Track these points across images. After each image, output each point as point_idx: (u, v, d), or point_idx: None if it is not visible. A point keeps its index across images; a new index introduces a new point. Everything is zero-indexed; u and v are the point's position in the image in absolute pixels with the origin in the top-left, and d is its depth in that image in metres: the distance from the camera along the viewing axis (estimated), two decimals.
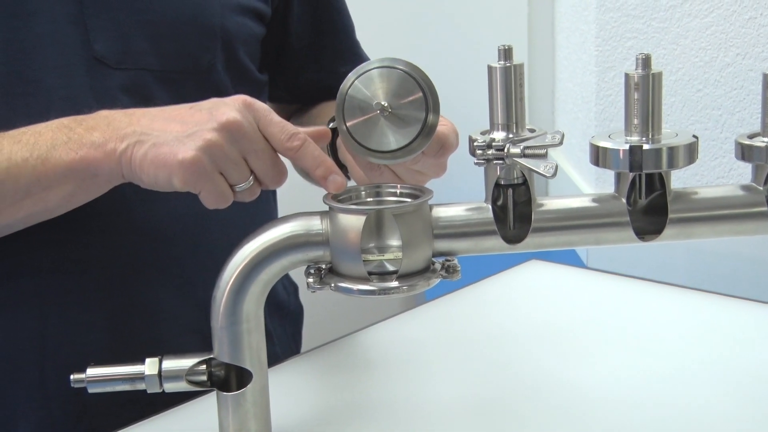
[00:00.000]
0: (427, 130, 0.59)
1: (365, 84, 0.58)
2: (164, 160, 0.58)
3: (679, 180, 0.57)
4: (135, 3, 0.72)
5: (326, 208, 0.58)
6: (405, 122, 0.58)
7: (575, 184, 1.39)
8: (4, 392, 0.73)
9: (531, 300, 0.90)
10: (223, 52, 0.77)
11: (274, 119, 0.60)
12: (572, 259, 1.18)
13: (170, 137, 0.59)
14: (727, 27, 1.12)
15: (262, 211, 0.84)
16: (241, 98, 0.61)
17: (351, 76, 0.58)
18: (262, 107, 0.61)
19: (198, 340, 0.76)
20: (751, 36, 1.10)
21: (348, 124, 0.58)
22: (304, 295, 0.96)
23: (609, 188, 0.60)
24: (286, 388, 0.72)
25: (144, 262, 0.74)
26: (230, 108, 0.59)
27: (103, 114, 0.63)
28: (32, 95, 0.69)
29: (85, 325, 0.73)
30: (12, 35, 0.68)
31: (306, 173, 0.62)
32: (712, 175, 1.14)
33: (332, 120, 0.72)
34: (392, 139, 0.58)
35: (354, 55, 0.91)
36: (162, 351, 0.61)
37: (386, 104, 0.57)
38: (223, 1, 0.77)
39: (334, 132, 0.72)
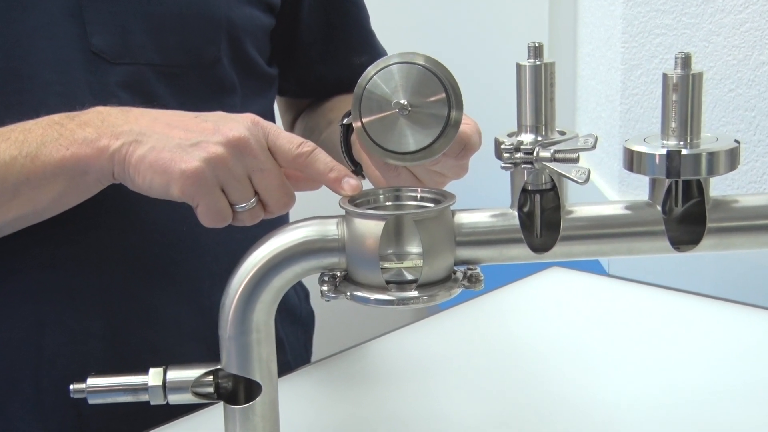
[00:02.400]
0: (450, 130, 0.56)
1: (384, 80, 0.55)
2: (164, 167, 0.56)
3: None
4: None
5: (342, 212, 0.56)
6: (426, 122, 0.55)
7: (597, 187, 1.35)
8: (1, 407, 0.71)
9: (551, 309, 0.87)
10: (228, 45, 0.75)
11: (282, 133, 0.59)
12: (593, 267, 1.15)
13: (172, 143, 0.57)
14: (762, 24, 1.08)
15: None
16: (250, 116, 0.59)
17: (370, 70, 0.55)
18: (271, 125, 0.59)
19: (202, 348, 0.73)
20: None
21: (364, 120, 0.55)
22: (315, 302, 0.93)
23: (633, 193, 0.57)
24: (296, 399, 0.70)
25: (146, 266, 0.72)
26: (238, 124, 0.57)
27: (98, 110, 0.61)
28: (27, 91, 0.66)
29: (83, 334, 0.70)
30: (6, 29, 0.66)
31: (319, 180, 0.59)
32: (744, 180, 1.11)
33: (347, 115, 0.69)
34: (412, 139, 0.56)
35: (368, 46, 0.88)
36: (164, 359, 0.58)
37: (406, 102, 0.55)
38: None
39: (349, 128, 0.69)
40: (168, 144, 0.57)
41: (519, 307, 0.89)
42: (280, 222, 0.83)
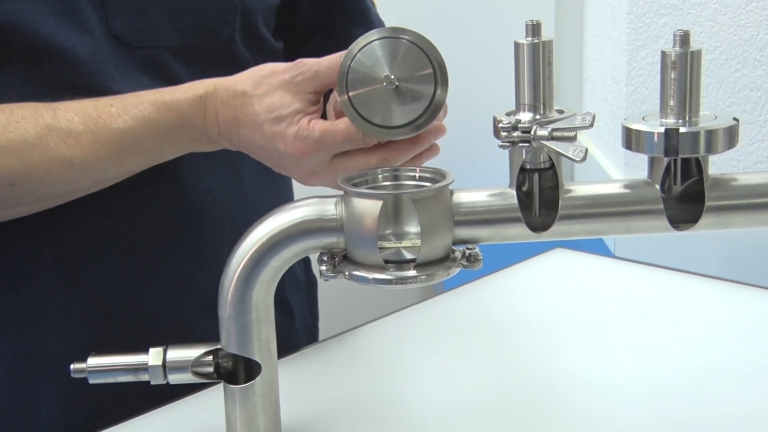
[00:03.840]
0: (435, 105, 0.57)
1: (372, 53, 0.55)
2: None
3: (713, 165, 0.54)
4: None
5: (341, 192, 0.56)
6: (412, 97, 0.56)
7: (603, 168, 1.35)
8: (28, 368, 0.72)
9: (555, 290, 0.87)
10: (242, 25, 0.76)
11: (330, 139, 0.61)
12: (599, 248, 1.15)
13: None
14: None
15: (288, 186, 0.85)
16: (305, 154, 0.62)
17: (358, 42, 0.56)
18: (320, 141, 0.61)
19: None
20: None
21: (351, 94, 0.56)
22: (322, 282, 0.93)
23: (638, 173, 0.57)
24: (299, 379, 0.70)
25: (172, 234, 0.74)
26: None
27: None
28: (58, 68, 0.67)
29: (111, 297, 0.72)
30: (33, 7, 0.66)
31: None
32: (750, 161, 1.10)
33: None
34: (398, 113, 0.56)
35: (367, 20, 0.88)
36: (185, 326, 0.61)
37: (393, 77, 0.55)
38: None
39: (326, 97, 0.70)
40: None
41: (524, 287, 0.88)
42: (285, 200, 0.86)
